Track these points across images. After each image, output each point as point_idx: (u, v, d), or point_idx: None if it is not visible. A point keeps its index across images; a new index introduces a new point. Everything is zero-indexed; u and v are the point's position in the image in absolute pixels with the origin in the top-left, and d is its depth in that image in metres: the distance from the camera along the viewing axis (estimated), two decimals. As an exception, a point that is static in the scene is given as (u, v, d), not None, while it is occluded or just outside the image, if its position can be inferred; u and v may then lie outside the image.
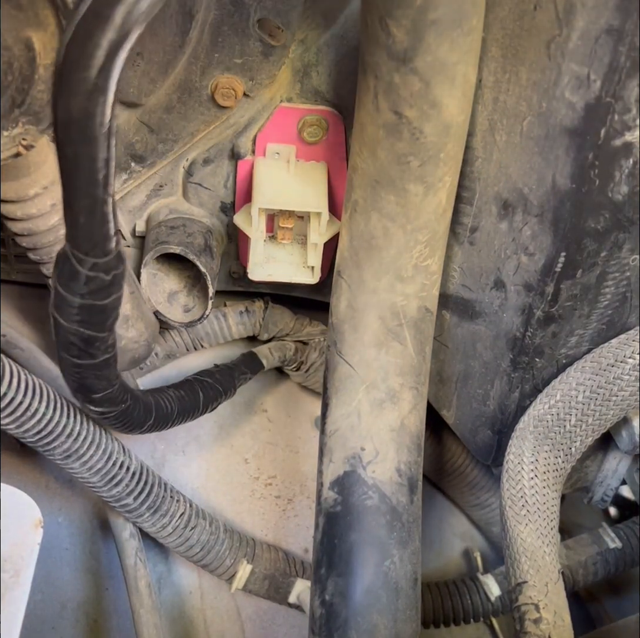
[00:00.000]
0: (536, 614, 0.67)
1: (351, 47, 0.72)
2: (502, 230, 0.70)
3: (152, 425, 0.77)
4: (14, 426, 0.70)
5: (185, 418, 0.85)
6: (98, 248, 0.48)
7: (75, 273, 0.49)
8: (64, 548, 0.91)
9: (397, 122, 0.59)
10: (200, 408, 0.87)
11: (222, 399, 0.90)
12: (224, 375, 0.91)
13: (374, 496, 0.71)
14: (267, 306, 0.97)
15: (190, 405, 0.85)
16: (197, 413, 0.87)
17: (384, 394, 0.72)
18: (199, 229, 0.82)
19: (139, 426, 0.76)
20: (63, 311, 0.52)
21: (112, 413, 0.68)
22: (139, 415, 0.74)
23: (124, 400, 0.69)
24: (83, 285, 0.50)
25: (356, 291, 0.71)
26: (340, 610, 0.69)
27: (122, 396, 0.68)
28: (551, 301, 0.69)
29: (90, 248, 0.48)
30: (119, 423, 0.72)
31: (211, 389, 0.88)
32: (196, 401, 0.86)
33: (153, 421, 0.77)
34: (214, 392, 0.89)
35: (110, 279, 0.50)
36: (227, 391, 0.91)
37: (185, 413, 0.84)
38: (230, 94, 0.73)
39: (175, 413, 0.82)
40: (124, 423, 0.72)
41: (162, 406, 0.80)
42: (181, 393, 0.84)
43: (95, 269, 0.49)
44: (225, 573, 0.86)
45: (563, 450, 0.74)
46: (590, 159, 0.60)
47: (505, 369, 0.77)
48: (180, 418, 0.84)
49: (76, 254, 0.48)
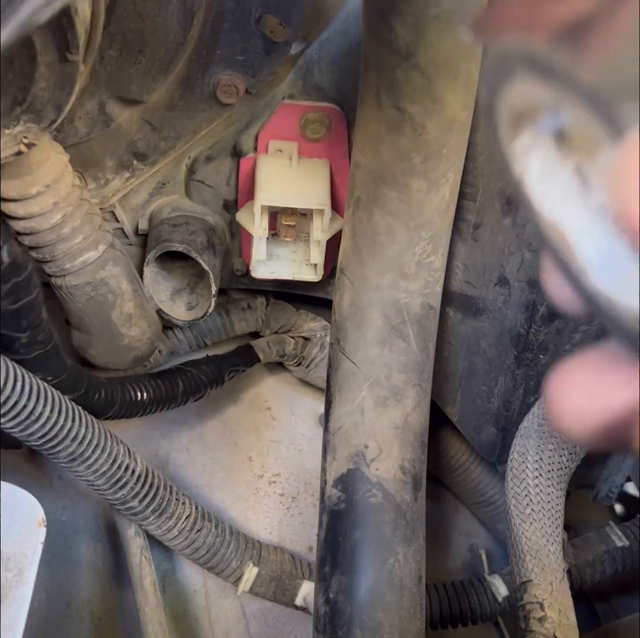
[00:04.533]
0: (541, 613, 0.67)
1: (353, 43, 0.71)
2: (506, 226, 0.70)
3: (117, 411, 0.81)
4: (18, 430, 0.69)
5: (160, 406, 0.86)
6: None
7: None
8: (68, 546, 0.91)
9: (399, 118, 0.59)
10: (178, 398, 0.88)
11: (207, 390, 0.91)
12: (211, 366, 0.92)
13: (377, 494, 0.70)
14: (268, 302, 0.97)
15: (166, 394, 0.86)
16: (176, 402, 0.88)
17: (388, 392, 0.72)
18: (202, 226, 0.82)
19: (101, 413, 0.79)
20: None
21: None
22: (99, 402, 0.77)
23: (77, 388, 0.73)
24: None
25: (359, 288, 0.71)
26: (344, 608, 0.68)
27: (75, 385, 0.72)
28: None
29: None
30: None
31: (193, 379, 0.89)
32: (173, 390, 0.87)
33: (119, 408, 0.80)
34: (197, 382, 0.90)
35: (10, 286, 0.51)
36: (212, 382, 0.92)
37: (159, 401, 0.86)
38: (232, 91, 0.73)
39: (147, 402, 0.84)
40: (83, 408, 0.74)
41: (131, 394, 0.82)
42: (157, 381, 0.86)
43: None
44: (231, 576, 0.86)
45: (568, 448, 0.73)
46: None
47: (510, 366, 0.76)
48: (155, 406, 0.86)
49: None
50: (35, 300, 0.54)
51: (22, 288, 0.52)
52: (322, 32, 0.72)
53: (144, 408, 0.84)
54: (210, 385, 0.91)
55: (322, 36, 0.72)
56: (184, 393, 0.88)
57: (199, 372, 0.90)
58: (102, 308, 0.75)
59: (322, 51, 0.73)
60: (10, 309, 0.53)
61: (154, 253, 0.79)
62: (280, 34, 0.70)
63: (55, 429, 0.71)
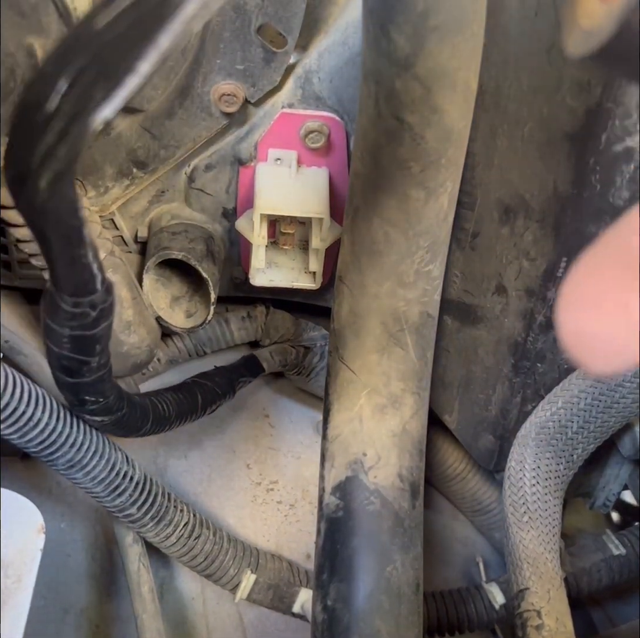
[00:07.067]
0: (538, 620, 0.67)
1: (353, 53, 0.72)
2: (504, 235, 0.70)
3: (149, 428, 0.79)
4: (17, 436, 0.70)
5: (183, 420, 0.86)
6: (80, 289, 0.49)
7: (59, 308, 0.50)
8: (67, 553, 0.91)
9: (398, 127, 0.60)
10: (198, 411, 0.88)
11: (221, 402, 0.91)
12: (223, 378, 0.92)
13: (375, 501, 0.71)
14: (268, 311, 0.97)
15: (188, 408, 0.86)
16: (196, 415, 0.88)
17: (386, 400, 0.72)
18: (201, 234, 0.82)
19: (136, 430, 0.77)
20: (53, 339, 0.54)
21: (108, 421, 0.71)
22: (136, 419, 0.76)
23: (120, 407, 0.70)
24: (69, 320, 0.51)
25: (358, 296, 0.71)
26: (342, 616, 0.68)
27: (119, 405, 0.70)
28: (553, 306, 0.69)
29: (73, 291, 0.49)
30: (116, 429, 0.73)
31: (210, 392, 0.89)
32: (194, 403, 0.87)
33: (150, 425, 0.79)
34: (213, 395, 0.90)
35: (96, 313, 0.51)
36: (226, 394, 0.92)
37: (183, 415, 0.85)
38: (231, 100, 0.73)
39: (174, 416, 0.83)
40: (122, 428, 0.74)
41: (160, 410, 0.81)
42: (179, 396, 0.85)
43: (80, 306, 0.50)
44: (229, 583, 0.86)
45: (565, 456, 0.73)
46: (591, 164, 0.60)
47: (507, 374, 0.77)
48: (179, 421, 0.85)
49: (59, 294, 0.49)
50: (111, 325, 0.54)
51: (105, 315, 0.52)
52: (322, 42, 0.72)
53: (170, 422, 0.83)
54: (224, 396, 0.92)
55: (321, 46, 0.72)
56: (202, 406, 0.88)
57: (213, 385, 0.90)
58: (101, 315, 0.75)
59: (321, 61, 0.73)
60: (90, 334, 0.53)
61: (154, 261, 0.79)
62: (280, 44, 0.70)
63: (54, 435, 0.71)
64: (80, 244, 0.44)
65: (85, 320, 0.51)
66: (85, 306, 0.50)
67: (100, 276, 0.48)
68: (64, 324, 0.51)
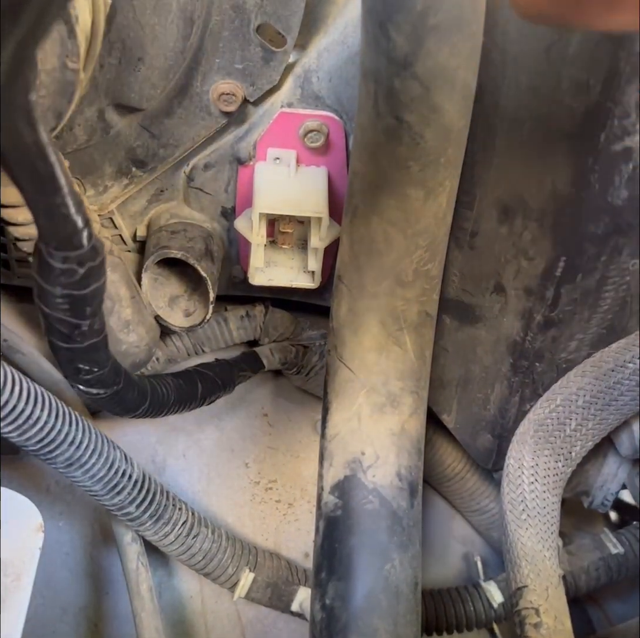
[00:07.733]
0: (536, 618, 0.67)
1: (352, 52, 0.72)
2: (503, 234, 0.70)
3: (146, 409, 0.79)
4: (16, 434, 0.70)
5: (182, 407, 0.86)
6: (66, 242, 0.49)
7: (47, 265, 0.50)
8: (65, 552, 0.91)
9: (397, 127, 0.60)
10: (197, 399, 0.88)
11: (221, 393, 0.91)
12: (224, 370, 0.92)
13: (374, 500, 0.71)
14: (267, 310, 0.97)
15: (187, 395, 0.86)
16: (195, 403, 0.88)
17: (385, 399, 0.72)
18: (200, 233, 0.82)
19: (133, 410, 0.77)
20: (44, 300, 0.54)
21: (104, 394, 0.70)
22: (133, 397, 0.75)
23: (116, 381, 0.70)
24: (58, 276, 0.51)
25: (357, 295, 0.71)
26: (340, 614, 0.69)
27: (115, 379, 0.69)
28: (551, 306, 0.70)
29: (58, 243, 0.49)
30: (111, 404, 0.73)
31: (210, 382, 0.89)
32: (194, 392, 0.87)
33: (148, 406, 0.79)
34: (213, 385, 0.90)
35: (85, 271, 0.51)
36: (226, 386, 0.92)
37: (182, 402, 0.85)
38: (231, 100, 0.73)
39: (172, 401, 0.83)
40: (117, 404, 0.73)
41: (158, 392, 0.81)
42: (180, 381, 0.85)
43: (67, 262, 0.50)
44: (227, 582, 0.86)
45: (563, 454, 0.74)
46: (590, 164, 0.60)
47: (506, 373, 0.77)
48: (177, 407, 0.85)
49: (46, 248, 0.49)
50: (102, 287, 0.54)
51: (94, 274, 0.52)
52: (321, 41, 0.73)
53: (168, 407, 0.83)
54: (224, 388, 0.91)
55: (320, 45, 0.73)
56: (202, 395, 0.88)
57: (214, 375, 0.90)
58: (100, 314, 0.75)
59: (320, 60, 0.73)
60: (79, 294, 0.52)
61: (152, 260, 0.79)
62: (279, 43, 0.70)
63: (53, 433, 0.71)
64: (56, 192, 0.44)
65: (73, 278, 0.51)
66: (73, 261, 0.50)
67: (87, 232, 0.48)
68: (54, 281, 0.51)
